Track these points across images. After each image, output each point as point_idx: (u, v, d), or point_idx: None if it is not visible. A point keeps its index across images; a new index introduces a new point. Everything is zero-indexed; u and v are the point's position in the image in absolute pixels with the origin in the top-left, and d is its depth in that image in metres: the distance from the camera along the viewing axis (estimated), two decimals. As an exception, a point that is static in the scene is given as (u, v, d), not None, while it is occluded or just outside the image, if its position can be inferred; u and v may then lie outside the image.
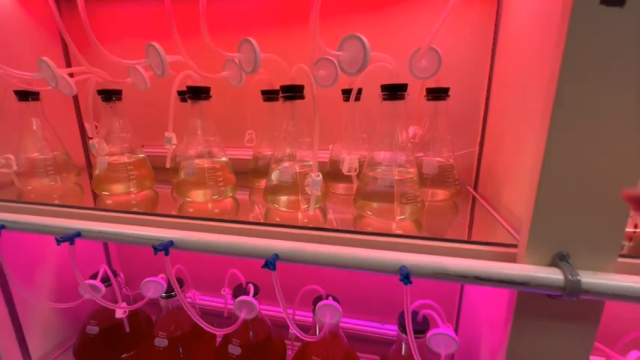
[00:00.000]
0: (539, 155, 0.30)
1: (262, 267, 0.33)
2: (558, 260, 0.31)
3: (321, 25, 0.35)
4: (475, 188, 0.61)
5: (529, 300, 0.33)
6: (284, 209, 0.46)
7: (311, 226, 0.40)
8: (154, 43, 0.40)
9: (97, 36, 0.38)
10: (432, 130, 0.52)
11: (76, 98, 0.75)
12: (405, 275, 0.29)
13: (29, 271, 0.66)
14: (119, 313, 0.58)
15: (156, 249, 0.36)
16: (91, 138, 0.54)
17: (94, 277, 0.59)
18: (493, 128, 0.56)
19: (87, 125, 0.54)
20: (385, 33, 0.61)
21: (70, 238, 0.40)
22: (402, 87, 0.40)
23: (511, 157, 0.46)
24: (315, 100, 0.39)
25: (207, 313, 0.81)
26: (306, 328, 0.61)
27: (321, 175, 0.41)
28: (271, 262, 0.33)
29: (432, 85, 0.50)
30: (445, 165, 0.51)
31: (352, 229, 0.41)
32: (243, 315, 0.52)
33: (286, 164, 0.47)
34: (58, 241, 0.39)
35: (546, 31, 0.37)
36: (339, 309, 0.49)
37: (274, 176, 0.47)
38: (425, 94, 0.51)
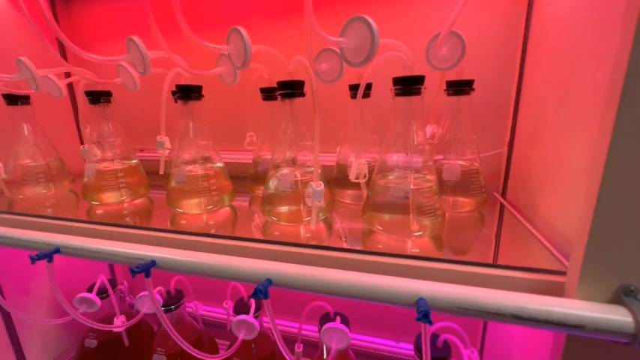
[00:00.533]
0: (600, 160, 0.23)
1: (251, 296, 0.28)
2: (623, 296, 0.24)
3: (325, 15, 0.29)
4: (503, 195, 0.54)
5: (582, 344, 0.26)
6: (284, 223, 0.41)
7: (312, 243, 0.35)
8: (134, 37, 0.36)
9: (94, 36, 0.34)
10: (454, 130, 0.46)
11: (74, 101, 0.73)
12: (424, 314, 0.23)
13: (25, 282, 0.64)
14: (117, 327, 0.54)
15: (133, 272, 0.32)
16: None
17: (91, 288, 0.56)
18: (525, 126, 0.48)
19: (82, 130, 0.51)
20: (397, 17, 0.55)
21: (48, 255, 0.37)
22: (418, 80, 0.34)
23: (551, 159, 0.39)
24: (315, 96, 0.34)
25: (211, 325, 0.77)
26: (313, 345, 0.56)
27: (322, 184, 0.35)
28: (262, 290, 0.28)
29: (453, 77, 0.44)
30: (469, 169, 0.45)
31: (360, 247, 0.36)
32: (241, 336, 0.48)
33: (285, 171, 0.41)
34: (33, 260, 0.35)
35: (601, 9, 0.29)
36: (348, 333, 0.44)
37: (272, 184, 0.41)
38: (445, 87, 0.45)
